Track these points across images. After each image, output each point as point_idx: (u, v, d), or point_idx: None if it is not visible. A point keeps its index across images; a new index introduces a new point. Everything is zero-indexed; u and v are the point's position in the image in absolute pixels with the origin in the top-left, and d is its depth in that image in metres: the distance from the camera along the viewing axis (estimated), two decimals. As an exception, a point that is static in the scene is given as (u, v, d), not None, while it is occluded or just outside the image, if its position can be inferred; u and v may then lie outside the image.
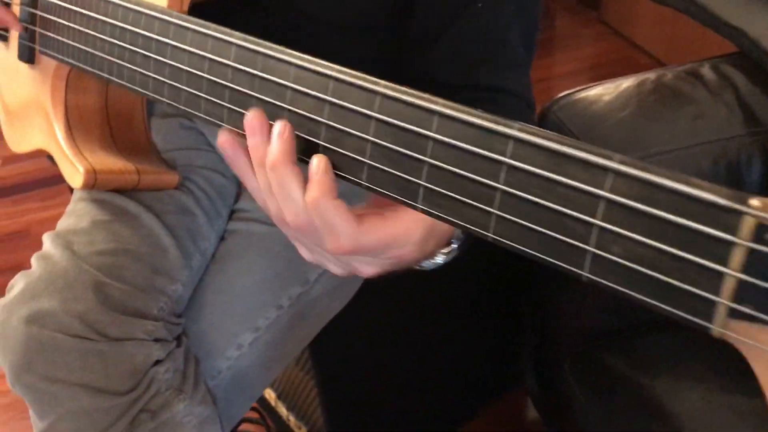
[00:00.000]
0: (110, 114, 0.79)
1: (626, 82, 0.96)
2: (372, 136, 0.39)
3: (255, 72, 0.44)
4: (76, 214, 0.70)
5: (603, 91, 0.94)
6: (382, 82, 0.38)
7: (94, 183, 0.69)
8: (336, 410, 1.06)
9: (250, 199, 0.78)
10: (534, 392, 1.10)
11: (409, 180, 0.38)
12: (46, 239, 0.68)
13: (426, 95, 0.37)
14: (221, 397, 0.72)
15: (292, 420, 1.20)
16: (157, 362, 0.64)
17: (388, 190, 0.39)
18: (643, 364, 0.89)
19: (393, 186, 0.39)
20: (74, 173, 0.70)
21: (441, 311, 1.09)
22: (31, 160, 2.24)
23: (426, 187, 0.37)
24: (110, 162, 0.72)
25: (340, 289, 0.80)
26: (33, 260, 0.67)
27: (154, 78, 0.52)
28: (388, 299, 0.93)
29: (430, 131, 0.36)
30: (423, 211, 0.38)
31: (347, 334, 0.93)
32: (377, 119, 0.38)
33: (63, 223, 0.70)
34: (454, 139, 0.35)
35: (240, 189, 0.82)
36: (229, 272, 0.74)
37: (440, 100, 0.36)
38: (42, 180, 2.11)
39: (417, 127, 0.37)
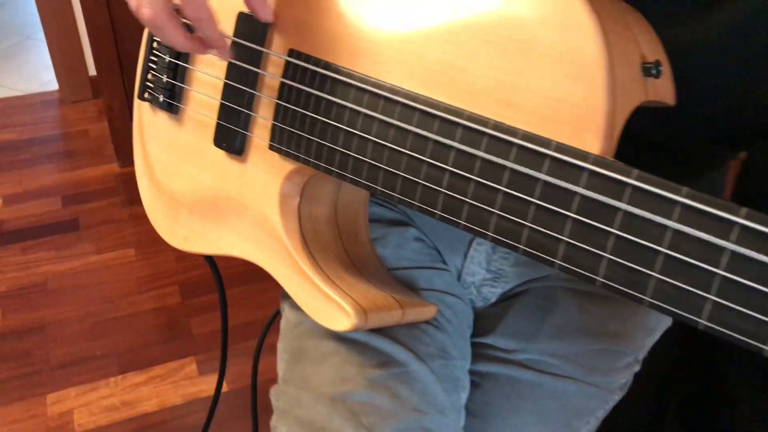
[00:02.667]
0: (340, 225, 0.65)
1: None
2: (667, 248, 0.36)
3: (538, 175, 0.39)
4: (329, 361, 0.55)
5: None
6: (684, 189, 0.35)
7: (364, 325, 0.55)
8: None
9: (503, 334, 0.65)
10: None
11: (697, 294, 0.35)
12: (313, 403, 0.53)
13: (725, 204, 0.34)
14: None
15: None
16: None
17: (669, 304, 0.36)
18: None
19: (676, 301, 0.36)
20: (336, 313, 0.55)
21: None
22: (37, 200, 2.02)
23: (715, 302, 0.34)
24: (371, 294, 0.58)
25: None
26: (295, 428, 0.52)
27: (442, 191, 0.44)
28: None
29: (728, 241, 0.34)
30: (705, 328, 0.34)
31: None
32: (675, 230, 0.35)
33: (318, 375, 0.55)
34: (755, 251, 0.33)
35: (475, 317, 0.69)
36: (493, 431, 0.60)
37: (741, 209, 0.33)
38: (53, 225, 1.90)
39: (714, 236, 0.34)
